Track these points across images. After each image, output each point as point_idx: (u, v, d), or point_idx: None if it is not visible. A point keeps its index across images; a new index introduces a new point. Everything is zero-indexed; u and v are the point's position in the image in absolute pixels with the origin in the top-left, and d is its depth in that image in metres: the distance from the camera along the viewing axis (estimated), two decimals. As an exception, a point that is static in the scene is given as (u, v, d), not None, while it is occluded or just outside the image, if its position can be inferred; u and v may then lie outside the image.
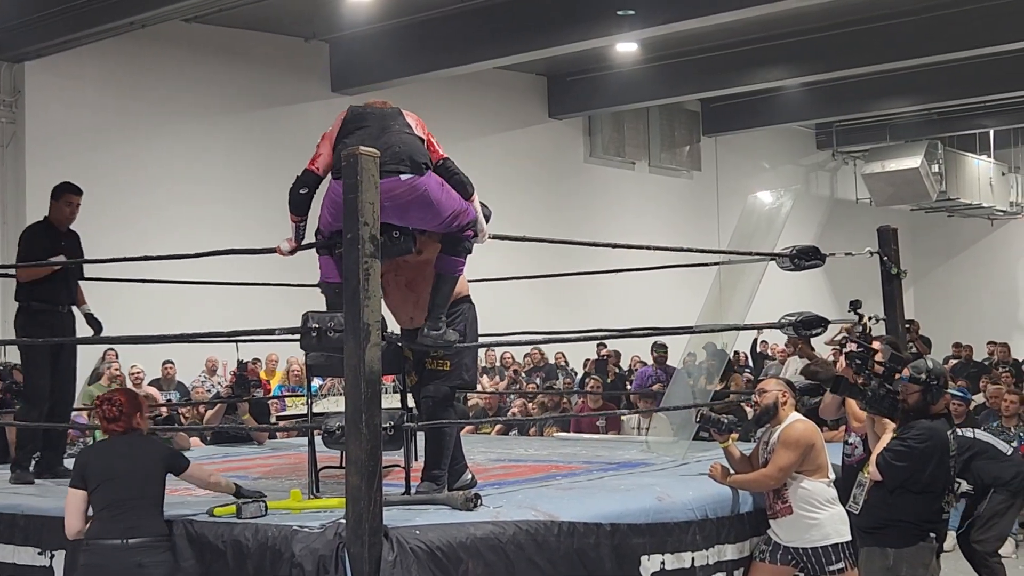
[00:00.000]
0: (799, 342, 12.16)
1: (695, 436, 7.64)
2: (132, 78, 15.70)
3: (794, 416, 6.18)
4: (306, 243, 5.65)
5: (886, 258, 7.66)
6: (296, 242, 5.64)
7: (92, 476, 5.17)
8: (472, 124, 18.83)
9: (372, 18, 15.89)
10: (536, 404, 12.66)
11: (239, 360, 12.53)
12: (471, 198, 5.59)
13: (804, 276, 10.05)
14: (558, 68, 19.65)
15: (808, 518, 5.98)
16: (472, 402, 13.00)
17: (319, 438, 5.50)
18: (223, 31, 16.44)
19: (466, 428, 10.72)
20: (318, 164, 5.48)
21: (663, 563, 5.54)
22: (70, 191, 7.39)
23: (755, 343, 18.88)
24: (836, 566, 5.96)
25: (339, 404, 5.87)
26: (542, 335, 10.32)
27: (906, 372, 6.03)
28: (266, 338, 6.42)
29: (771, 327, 7.43)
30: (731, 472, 6.28)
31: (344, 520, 4.63)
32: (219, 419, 10.16)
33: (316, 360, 5.99)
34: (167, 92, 16.01)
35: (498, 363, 17.17)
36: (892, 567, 5.93)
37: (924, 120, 24.04)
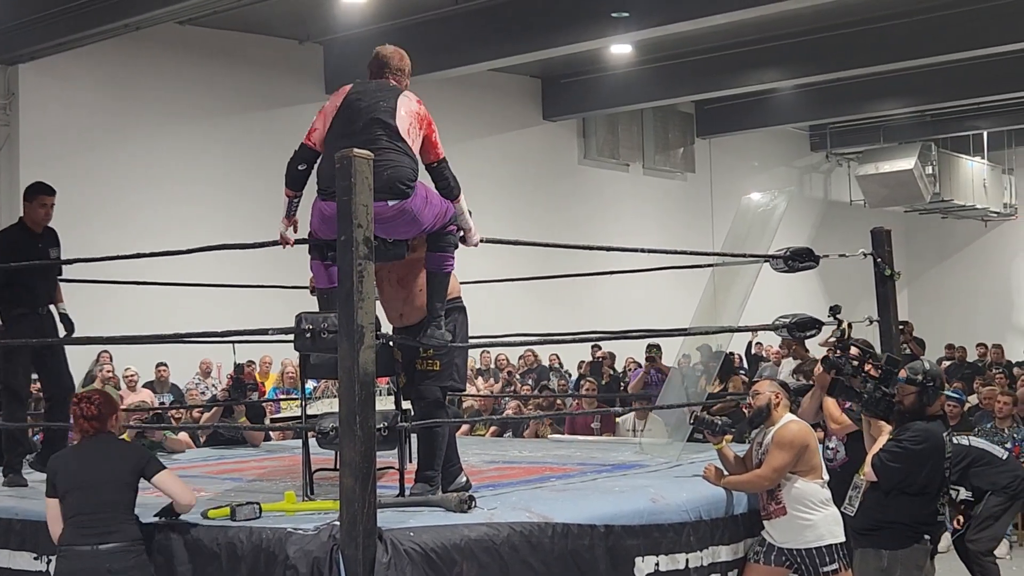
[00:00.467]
0: (793, 344, 12.18)
1: (689, 438, 7.65)
2: (127, 80, 15.70)
3: (788, 417, 6.19)
4: (299, 238, 5.63)
5: (880, 260, 7.67)
6: (288, 218, 5.61)
7: (60, 484, 5.17)
8: (466, 126, 18.83)
9: (366, 20, 15.90)
10: (532, 405, 12.66)
11: (235, 363, 12.52)
12: (455, 199, 5.55)
13: (798, 278, 10.07)
14: (552, 70, 19.67)
15: (802, 519, 5.99)
16: (467, 404, 13.00)
17: (313, 440, 5.49)
18: (217, 33, 16.44)
19: (461, 429, 10.74)
20: (314, 139, 5.45)
21: (657, 564, 5.55)
22: (43, 192, 7.29)
23: (750, 345, 18.90)
24: (830, 567, 5.97)
25: (333, 406, 5.86)
26: (536, 337, 10.31)
27: (902, 373, 6.05)
28: (260, 339, 6.41)
29: (765, 329, 7.44)
30: (725, 473, 6.29)
31: (338, 522, 4.62)
32: (215, 422, 10.13)
33: (320, 359, 5.94)
34: (162, 94, 16.01)
35: (492, 365, 17.17)
36: (886, 568, 5.95)
37: (918, 122, 24.09)
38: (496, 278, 10.14)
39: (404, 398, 5.94)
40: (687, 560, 5.71)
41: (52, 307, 7.38)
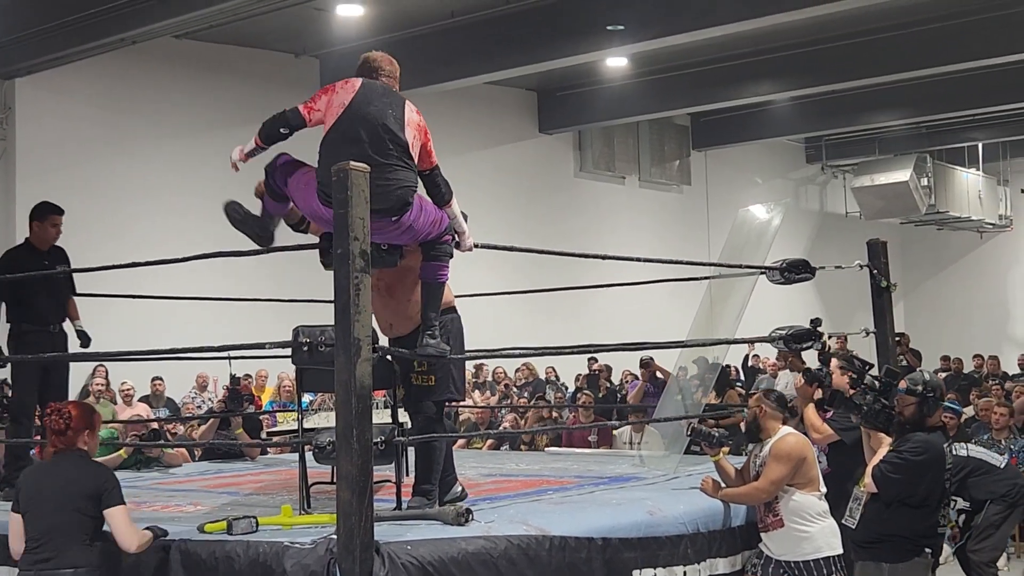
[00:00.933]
0: (790, 355, 12.17)
1: (686, 450, 7.65)
2: (123, 94, 15.70)
3: (785, 430, 6.19)
4: (277, 246, 5.61)
5: (876, 271, 7.67)
6: (246, 157, 5.54)
7: (23, 500, 5.01)
8: (462, 139, 18.85)
9: (362, 34, 15.92)
10: (531, 416, 12.65)
11: (232, 375, 12.48)
12: (447, 204, 5.53)
13: (794, 289, 10.07)
14: (548, 83, 19.70)
15: (799, 531, 5.98)
16: (464, 417, 12.99)
17: (310, 454, 5.48)
18: (214, 47, 16.46)
19: (458, 443, 10.72)
20: (312, 117, 5.36)
21: (655, 577, 5.55)
22: (54, 212, 7.35)
23: (747, 357, 18.89)
24: (828, 579, 5.96)
25: (330, 419, 5.86)
26: (533, 349, 10.29)
27: (902, 384, 6.05)
28: (256, 353, 6.40)
29: (761, 341, 7.44)
30: (722, 486, 6.29)
31: (335, 535, 4.62)
32: (212, 435, 10.09)
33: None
34: (158, 108, 16.02)
35: (490, 378, 17.15)
36: (887, 582, 5.93)
37: (913, 133, 24.12)
38: (492, 291, 10.14)
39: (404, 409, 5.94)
40: (684, 572, 5.71)
41: (69, 323, 7.40)
